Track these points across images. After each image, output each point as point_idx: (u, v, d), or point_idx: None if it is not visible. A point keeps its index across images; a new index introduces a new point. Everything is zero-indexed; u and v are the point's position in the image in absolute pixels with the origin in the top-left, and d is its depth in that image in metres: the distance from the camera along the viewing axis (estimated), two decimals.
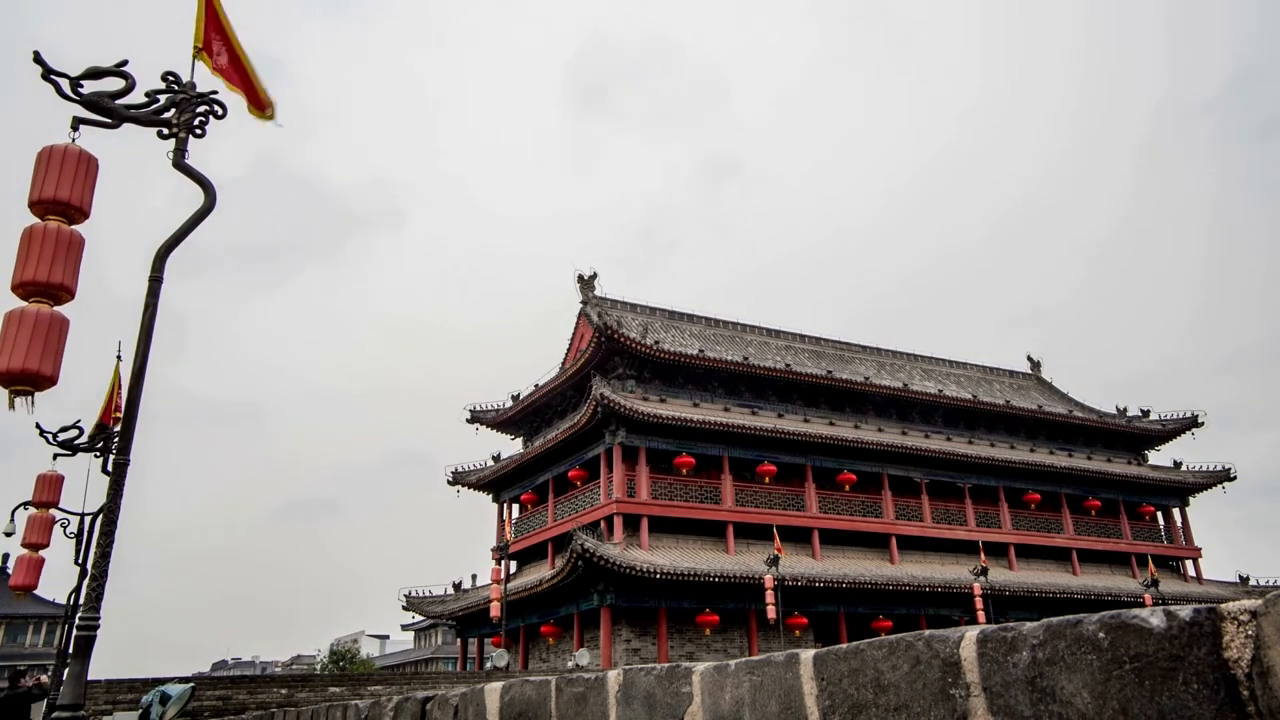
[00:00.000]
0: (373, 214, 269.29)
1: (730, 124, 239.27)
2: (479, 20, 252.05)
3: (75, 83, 5.90)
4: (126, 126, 6.10)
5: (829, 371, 40.95)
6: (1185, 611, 1.60)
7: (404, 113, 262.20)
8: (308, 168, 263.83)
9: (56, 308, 5.35)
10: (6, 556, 52.67)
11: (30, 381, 5.11)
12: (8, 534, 17.03)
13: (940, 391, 44.81)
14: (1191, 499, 47.60)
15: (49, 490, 13.85)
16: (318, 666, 71.89)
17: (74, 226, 5.55)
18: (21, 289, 5.28)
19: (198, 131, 6.28)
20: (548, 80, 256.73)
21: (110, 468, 6.21)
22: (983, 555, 37.30)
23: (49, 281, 5.28)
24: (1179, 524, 46.97)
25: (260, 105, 6.54)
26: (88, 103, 5.91)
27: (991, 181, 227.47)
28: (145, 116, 6.16)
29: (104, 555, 5.59)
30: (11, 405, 5.13)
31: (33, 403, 5.20)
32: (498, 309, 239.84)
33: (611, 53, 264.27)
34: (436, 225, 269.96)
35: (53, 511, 14.42)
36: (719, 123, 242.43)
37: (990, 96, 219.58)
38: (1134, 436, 48.95)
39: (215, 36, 6.54)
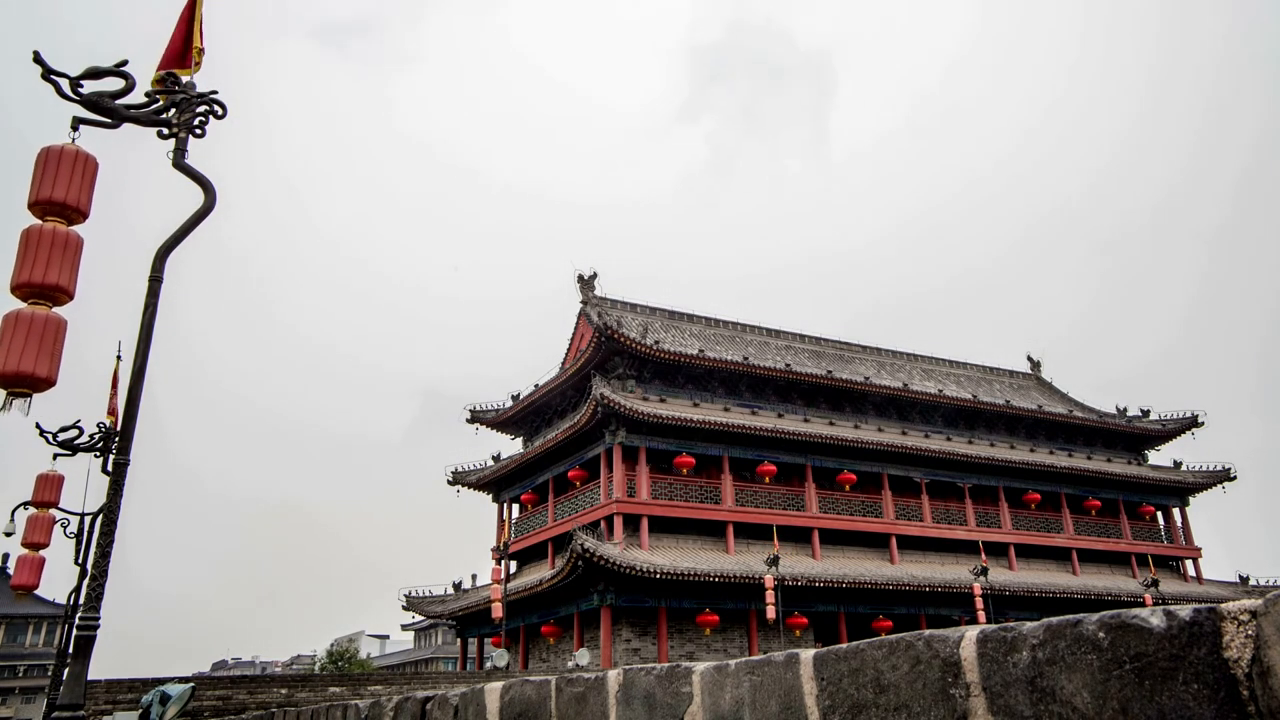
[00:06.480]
0: None
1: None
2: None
3: (75, 83, 5.89)
4: (126, 126, 6.10)
5: (829, 371, 40.94)
6: (1185, 611, 1.60)
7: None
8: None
9: (55, 309, 5.33)
10: (7, 556, 52.79)
11: (28, 384, 5.10)
12: (8, 534, 17.03)
13: (940, 391, 44.80)
14: (1191, 499, 47.63)
15: (49, 490, 13.85)
16: (317, 666, 71.83)
17: (73, 227, 5.54)
18: (20, 290, 5.27)
19: (198, 131, 6.28)
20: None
21: (110, 468, 6.21)
22: (983, 555, 37.30)
23: (47, 283, 5.27)
24: (1179, 524, 46.98)
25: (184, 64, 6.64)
26: (88, 103, 5.91)
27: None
28: (145, 116, 6.17)
29: (104, 555, 5.60)
30: (7, 407, 5.11)
31: (29, 405, 5.19)
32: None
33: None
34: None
35: (53, 511, 14.43)
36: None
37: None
38: (1134, 436, 48.96)
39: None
